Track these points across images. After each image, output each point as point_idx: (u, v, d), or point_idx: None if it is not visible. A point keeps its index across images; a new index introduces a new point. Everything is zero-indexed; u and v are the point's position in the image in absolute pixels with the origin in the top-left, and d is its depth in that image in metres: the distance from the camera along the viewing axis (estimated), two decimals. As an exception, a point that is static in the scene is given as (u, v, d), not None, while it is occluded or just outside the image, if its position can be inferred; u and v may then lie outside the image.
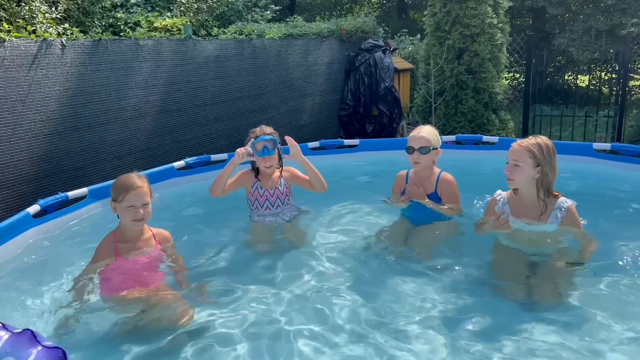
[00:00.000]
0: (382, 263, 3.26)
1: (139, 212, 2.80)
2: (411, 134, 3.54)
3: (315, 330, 2.57)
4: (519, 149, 3.02)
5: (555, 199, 3.09)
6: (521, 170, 3.00)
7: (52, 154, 4.75)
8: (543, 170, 2.99)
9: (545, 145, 3.01)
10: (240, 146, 3.53)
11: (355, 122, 8.50)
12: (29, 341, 1.53)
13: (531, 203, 3.10)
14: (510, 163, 3.05)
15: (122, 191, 2.79)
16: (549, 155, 3.00)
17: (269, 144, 3.54)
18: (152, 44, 5.60)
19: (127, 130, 5.42)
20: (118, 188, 2.82)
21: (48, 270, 3.23)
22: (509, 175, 3.06)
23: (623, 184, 4.55)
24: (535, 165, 2.99)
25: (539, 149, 2.98)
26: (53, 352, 1.51)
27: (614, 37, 10.23)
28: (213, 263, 3.33)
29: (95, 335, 2.57)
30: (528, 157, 2.98)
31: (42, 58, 4.59)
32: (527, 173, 3.00)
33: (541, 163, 2.98)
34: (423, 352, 2.41)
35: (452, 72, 7.39)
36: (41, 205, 3.77)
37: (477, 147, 5.58)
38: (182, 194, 4.62)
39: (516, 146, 3.04)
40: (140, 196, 2.81)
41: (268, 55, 7.09)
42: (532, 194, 3.08)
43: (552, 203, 3.08)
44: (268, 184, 3.70)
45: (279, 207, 3.73)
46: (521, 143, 3.04)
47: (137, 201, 2.80)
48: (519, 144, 3.04)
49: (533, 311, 2.66)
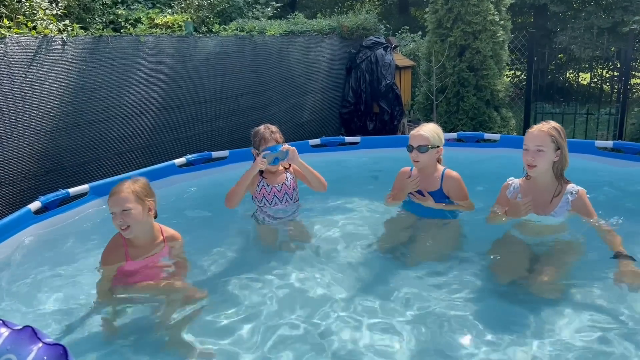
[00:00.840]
0: (385, 261, 3.25)
1: (117, 219, 2.69)
2: (412, 132, 3.53)
3: (318, 327, 2.57)
4: (540, 134, 3.02)
5: (566, 184, 3.13)
6: (544, 155, 3.02)
7: (53, 150, 4.74)
8: (562, 153, 3.03)
9: (561, 128, 3.08)
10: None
11: (356, 119, 8.48)
12: (30, 338, 1.52)
13: (545, 187, 3.13)
14: (532, 149, 3.03)
15: (109, 197, 2.75)
16: (565, 138, 3.07)
17: (280, 155, 3.49)
18: (153, 40, 5.59)
19: (128, 127, 5.41)
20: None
21: (49, 267, 3.23)
22: (531, 162, 3.04)
23: (625, 182, 4.54)
24: (556, 149, 3.03)
25: (557, 133, 3.03)
26: (54, 349, 1.50)
27: (615, 34, 10.21)
28: (215, 260, 3.32)
29: (97, 330, 2.56)
30: (550, 142, 3.01)
31: (42, 54, 4.58)
32: (548, 157, 3.03)
33: (560, 146, 3.03)
34: (425, 349, 2.40)
35: (454, 70, 7.37)
36: (42, 202, 3.77)
37: (478, 145, 5.57)
38: (183, 191, 4.62)
39: (536, 132, 3.04)
40: (117, 202, 2.69)
41: (269, 52, 7.07)
42: (547, 178, 3.11)
43: (564, 188, 3.11)
44: (275, 180, 3.68)
45: (288, 203, 3.70)
46: (541, 128, 3.05)
47: (115, 207, 2.70)
48: (539, 130, 3.04)
49: (539, 309, 2.65)
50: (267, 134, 3.51)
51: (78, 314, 2.66)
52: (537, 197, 3.13)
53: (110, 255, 2.80)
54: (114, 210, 2.71)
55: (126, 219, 2.69)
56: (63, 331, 2.54)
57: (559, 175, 3.10)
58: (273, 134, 3.52)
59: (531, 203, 3.05)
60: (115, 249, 2.81)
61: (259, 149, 3.50)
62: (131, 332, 2.56)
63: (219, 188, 4.68)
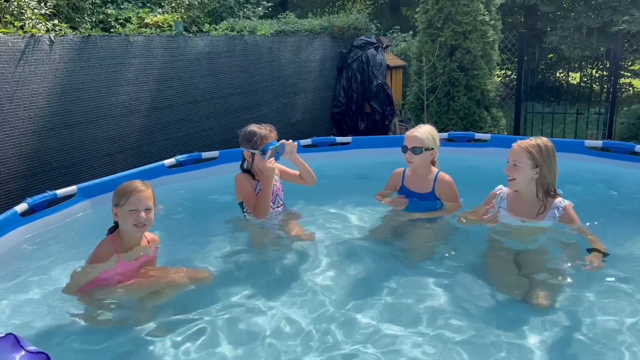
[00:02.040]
0: (375, 262, 3.25)
1: (141, 215, 2.71)
2: (407, 133, 3.53)
3: (308, 327, 2.56)
4: (518, 149, 3.05)
5: (552, 199, 3.11)
6: (520, 171, 3.03)
7: (40, 151, 4.69)
8: (541, 172, 3.02)
9: (545, 146, 3.03)
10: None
11: (347, 119, 8.47)
12: (12, 346, 1.49)
13: (530, 202, 3.12)
14: (510, 163, 3.08)
15: (125, 195, 2.73)
16: (548, 157, 3.03)
17: (280, 149, 3.48)
18: (142, 40, 5.54)
19: (117, 128, 5.36)
20: (120, 192, 2.76)
21: (35, 271, 3.18)
22: (508, 175, 3.09)
23: (614, 182, 4.57)
24: (534, 167, 3.02)
25: (537, 150, 3.00)
26: (37, 357, 1.47)
27: (605, 34, 10.27)
28: (206, 260, 3.30)
29: (83, 338, 2.52)
30: (527, 158, 3.01)
31: (30, 54, 4.53)
32: (525, 174, 3.03)
33: (539, 164, 3.01)
34: (413, 350, 2.39)
35: (444, 69, 7.38)
36: (29, 204, 3.72)
37: (469, 145, 5.58)
38: (173, 192, 4.58)
39: (516, 147, 3.06)
40: (142, 200, 2.73)
41: (260, 52, 7.04)
42: (531, 193, 3.10)
43: (550, 203, 3.10)
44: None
45: (280, 205, 3.69)
46: (521, 144, 3.06)
47: (139, 204, 2.72)
48: (518, 145, 3.06)
49: (526, 313, 2.64)
50: (266, 132, 3.46)
51: (63, 321, 2.61)
52: (524, 210, 3.15)
53: (102, 256, 2.77)
54: (136, 207, 2.71)
55: (148, 217, 2.75)
56: (47, 338, 2.48)
57: (543, 192, 3.07)
58: (270, 132, 3.50)
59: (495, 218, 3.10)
60: (106, 251, 2.78)
61: (255, 148, 3.45)
62: (121, 336, 2.53)
63: (209, 188, 4.68)
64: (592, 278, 2.87)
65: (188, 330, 2.55)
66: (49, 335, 2.52)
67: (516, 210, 3.17)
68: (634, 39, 10.11)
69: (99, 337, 2.51)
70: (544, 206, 3.09)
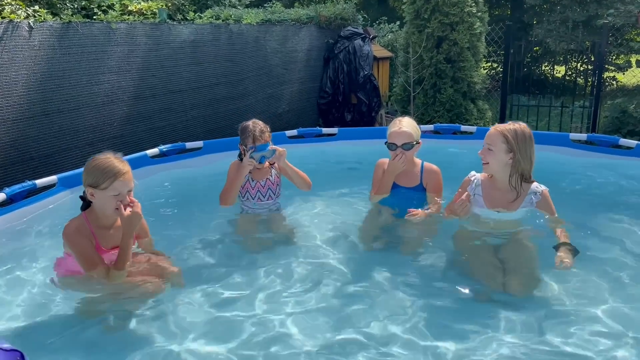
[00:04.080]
0: (360, 255, 3.25)
1: (126, 199, 2.56)
2: (392, 129, 3.40)
3: (294, 320, 2.55)
4: (493, 133, 3.02)
5: (528, 185, 3.09)
6: (493, 154, 3.00)
7: (19, 140, 4.58)
8: (515, 157, 2.97)
9: (522, 131, 2.97)
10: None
11: (334, 110, 8.43)
12: (-15, 342, 1.44)
13: (504, 188, 3.09)
14: (484, 147, 3.05)
15: (108, 177, 2.50)
16: (524, 142, 2.97)
17: (267, 154, 3.43)
18: (125, 27, 5.43)
19: (99, 117, 5.26)
20: (101, 173, 2.51)
21: (12, 264, 3.10)
22: (482, 158, 3.07)
23: (598, 174, 4.60)
24: (508, 151, 2.97)
25: (513, 135, 2.95)
26: (10, 355, 1.42)
27: (590, 28, 10.33)
28: (192, 253, 3.27)
29: (59, 334, 2.45)
30: (501, 142, 2.97)
31: (8, 41, 4.40)
32: (499, 158, 2.99)
33: (514, 149, 2.96)
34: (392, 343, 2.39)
35: (431, 61, 7.37)
36: (7, 194, 3.62)
37: (455, 137, 5.58)
38: (156, 183, 4.51)
39: (492, 130, 3.03)
40: (127, 183, 2.57)
41: (246, 41, 6.96)
42: (505, 179, 3.07)
43: (526, 189, 3.08)
44: (259, 175, 3.61)
45: (271, 198, 3.66)
46: (497, 127, 3.03)
47: (124, 188, 2.56)
48: (495, 128, 3.04)
49: (504, 303, 2.65)
50: (257, 133, 3.39)
51: (39, 316, 2.55)
52: (499, 196, 3.12)
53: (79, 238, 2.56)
54: (122, 191, 2.55)
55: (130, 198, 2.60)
56: (22, 335, 2.42)
57: (517, 178, 3.02)
58: (262, 133, 3.42)
59: (466, 204, 3.00)
60: (81, 231, 2.58)
61: (246, 145, 3.42)
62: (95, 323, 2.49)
63: (193, 179, 4.62)
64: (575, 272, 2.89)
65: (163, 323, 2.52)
66: (26, 331, 2.46)
67: (491, 197, 3.12)
68: (619, 32, 10.20)
69: (77, 333, 2.47)
70: (518, 193, 3.06)
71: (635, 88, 11.94)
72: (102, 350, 2.37)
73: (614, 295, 2.73)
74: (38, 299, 2.72)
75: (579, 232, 3.23)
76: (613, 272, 2.94)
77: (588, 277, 2.88)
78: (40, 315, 2.58)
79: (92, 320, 2.55)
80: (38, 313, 2.59)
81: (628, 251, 3.16)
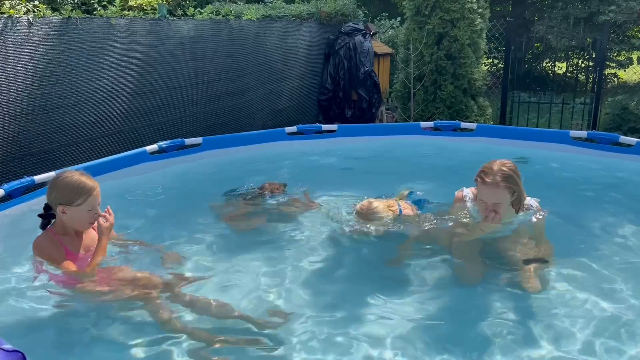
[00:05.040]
0: (357, 253, 3.25)
1: (99, 212, 2.70)
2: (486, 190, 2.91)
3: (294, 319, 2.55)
4: (497, 191, 2.85)
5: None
6: (503, 206, 2.91)
7: (18, 136, 4.57)
8: (517, 193, 2.93)
9: (512, 171, 2.89)
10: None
11: (334, 106, 8.41)
12: (-15, 343, 1.44)
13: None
14: (489, 206, 2.90)
15: (82, 194, 2.63)
16: (518, 179, 2.93)
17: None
18: (125, 23, 5.41)
19: (98, 112, 5.25)
20: (74, 191, 2.62)
21: (12, 258, 3.09)
22: (492, 219, 2.88)
23: (598, 172, 4.59)
24: (511, 196, 2.92)
25: (512, 181, 2.88)
26: (12, 355, 1.42)
27: (591, 24, 10.30)
28: (188, 246, 3.27)
29: (60, 335, 2.46)
30: (507, 193, 2.89)
31: (7, 36, 4.39)
32: (506, 205, 2.93)
33: (516, 190, 2.92)
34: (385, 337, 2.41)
35: (432, 58, 7.35)
36: (6, 190, 3.63)
37: (455, 134, 5.57)
38: (155, 179, 4.51)
39: (494, 189, 2.84)
40: (98, 197, 2.71)
41: (246, 37, 6.94)
42: (510, 215, 3.04)
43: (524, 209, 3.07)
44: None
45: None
46: (497, 182, 2.83)
47: (96, 202, 2.70)
48: (496, 185, 2.83)
49: (504, 302, 2.67)
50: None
51: (40, 317, 2.54)
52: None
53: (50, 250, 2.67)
54: (94, 206, 2.68)
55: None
56: (24, 335, 2.41)
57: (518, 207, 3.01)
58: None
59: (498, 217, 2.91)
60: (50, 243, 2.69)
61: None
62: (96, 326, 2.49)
63: (192, 176, 4.62)
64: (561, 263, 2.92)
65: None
66: (26, 332, 2.45)
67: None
68: (620, 29, 10.17)
69: (77, 333, 2.47)
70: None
71: (636, 85, 11.91)
72: (103, 350, 2.37)
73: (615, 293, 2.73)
74: (38, 299, 2.71)
75: (579, 230, 3.23)
76: (616, 269, 2.93)
77: (588, 276, 2.88)
78: (40, 316, 2.57)
79: (92, 320, 2.55)
80: (39, 313, 2.58)
81: (630, 248, 3.17)
